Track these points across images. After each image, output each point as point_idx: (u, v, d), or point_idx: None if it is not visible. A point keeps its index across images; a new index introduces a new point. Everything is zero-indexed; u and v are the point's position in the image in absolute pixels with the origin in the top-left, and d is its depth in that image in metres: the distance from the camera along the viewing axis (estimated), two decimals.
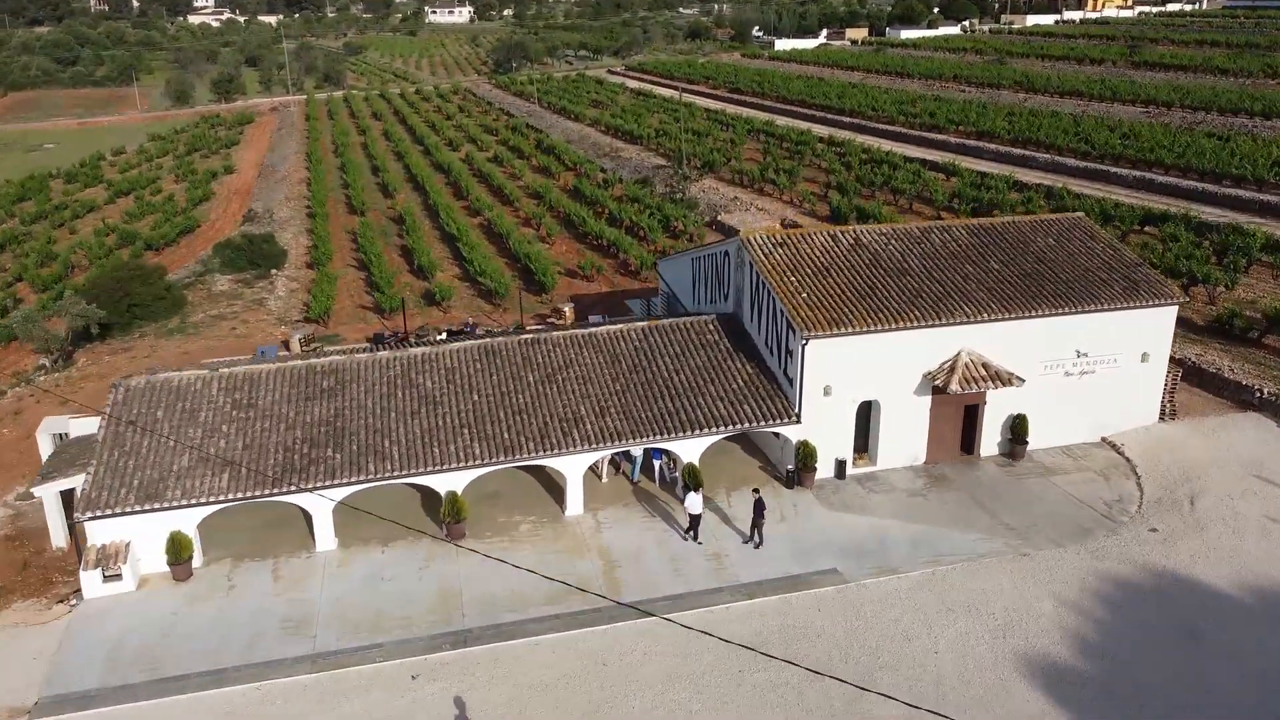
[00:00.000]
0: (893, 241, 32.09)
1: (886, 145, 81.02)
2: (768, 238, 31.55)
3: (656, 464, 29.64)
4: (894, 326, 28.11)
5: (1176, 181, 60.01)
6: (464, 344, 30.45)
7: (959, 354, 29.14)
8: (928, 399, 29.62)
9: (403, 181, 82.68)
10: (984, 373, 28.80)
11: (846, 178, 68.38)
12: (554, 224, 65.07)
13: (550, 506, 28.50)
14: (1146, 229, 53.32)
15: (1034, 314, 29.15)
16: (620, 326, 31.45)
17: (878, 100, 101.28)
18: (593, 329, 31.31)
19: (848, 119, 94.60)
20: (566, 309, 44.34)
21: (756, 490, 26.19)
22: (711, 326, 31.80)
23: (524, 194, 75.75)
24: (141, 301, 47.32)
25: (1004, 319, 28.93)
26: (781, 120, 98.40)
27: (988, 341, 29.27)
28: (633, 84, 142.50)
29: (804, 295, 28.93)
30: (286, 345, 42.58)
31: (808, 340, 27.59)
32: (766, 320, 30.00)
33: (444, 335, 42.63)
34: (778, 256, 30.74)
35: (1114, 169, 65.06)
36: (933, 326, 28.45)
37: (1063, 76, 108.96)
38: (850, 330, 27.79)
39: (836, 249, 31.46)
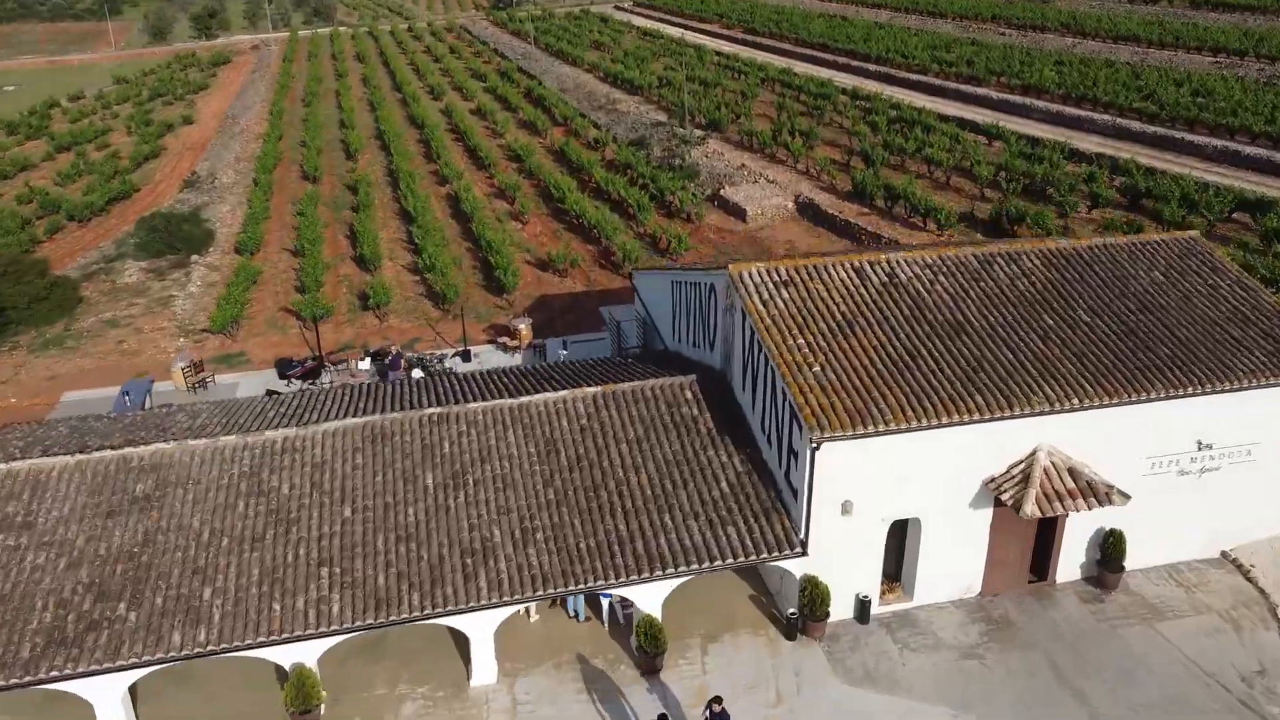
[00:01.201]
0: (941, 278, 23.26)
1: (919, 100, 71.16)
2: (767, 274, 22.76)
3: (605, 601, 21.38)
4: (945, 421, 19.48)
5: (1269, 154, 50.33)
6: (344, 424, 22.03)
7: (1035, 455, 20.53)
8: (988, 511, 21.13)
9: (371, 139, 73.54)
10: (1071, 485, 20.20)
11: (873, 142, 58.89)
12: (532, 197, 56.17)
13: (453, 665, 20.31)
14: (1233, 215, 44.09)
15: (1143, 396, 20.40)
16: (564, 396, 22.91)
17: (907, 44, 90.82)
18: (524, 400, 22.80)
19: (874, 66, 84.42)
20: (522, 327, 35.70)
21: (718, 701, 17.53)
22: (688, 395, 23.24)
23: (503, 156, 66.66)
24: (12, 305, 39.06)
25: (1100, 405, 20.22)
26: (800, 67, 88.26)
27: (1075, 433, 20.62)
28: (640, 22, 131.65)
29: (816, 369, 20.29)
30: (187, 368, 34.11)
31: (819, 444, 19.04)
32: (763, 394, 21.44)
33: (365, 360, 34.29)
34: (781, 303, 22.01)
35: (1188, 135, 55.33)
36: (1001, 419, 19.81)
37: (1114, 17, 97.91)
38: (882, 428, 19.19)
39: (864, 290, 22.68)
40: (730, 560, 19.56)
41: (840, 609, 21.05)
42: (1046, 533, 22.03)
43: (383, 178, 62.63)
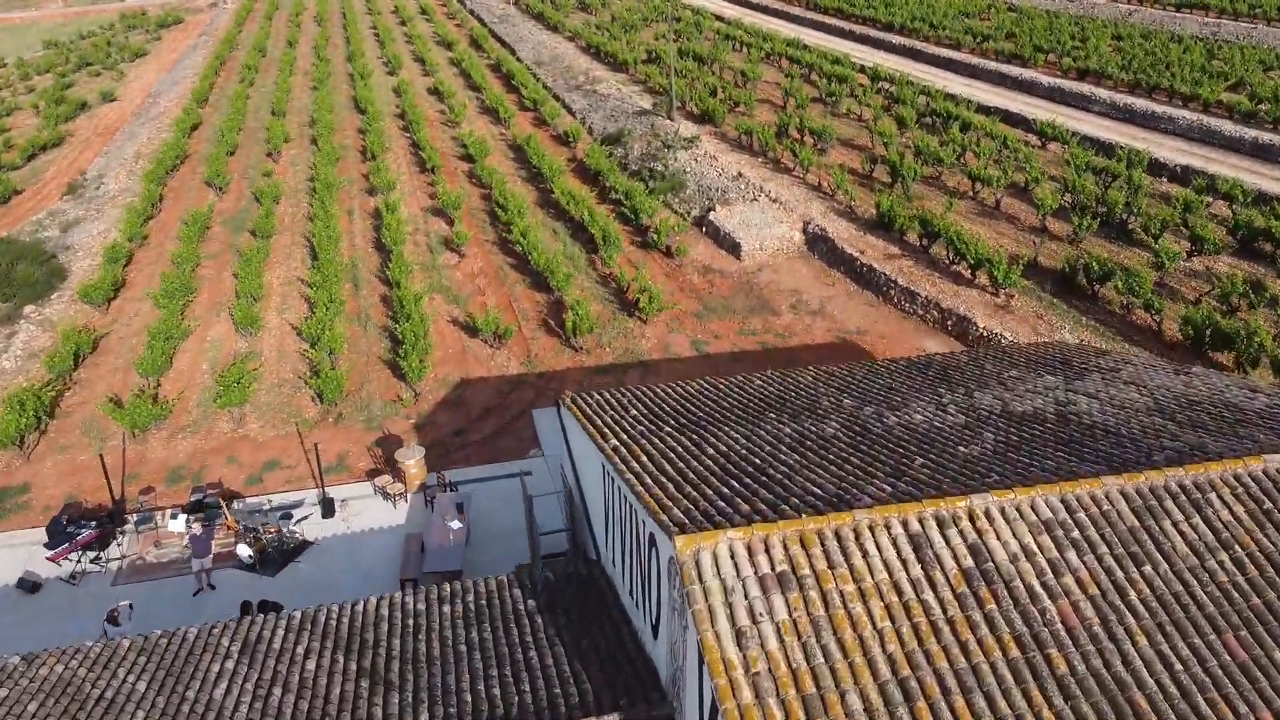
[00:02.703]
0: (1071, 555, 12.56)
1: (953, 84, 59.68)
2: (748, 558, 12.07)
3: None
4: None
5: None
6: None
7: None
8: None
9: (304, 129, 62.21)
10: None
11: (900, 145, 47.69)
12: (479, 215, 45.30)
13: None
14: None
15: None
16: None
17: (935, 10, 78.74)
18: None
19: (897, 38, 72.61)
20: (411, 463, 25.03)
21: None
22: None
23: (455, 153, 55.52)
24: None
25: None
26: (812, 38, 76.45)
27: None
28: None
29: None
30: None
31: None
32: None
33: (179, 516, 23.81)
34: (772, 637, 11.35)
35: None
36: None
37: None
38: None
39: (930, 592, 11.98)
40: None
41: None
42: None
43: (303, 185, 51.56)
